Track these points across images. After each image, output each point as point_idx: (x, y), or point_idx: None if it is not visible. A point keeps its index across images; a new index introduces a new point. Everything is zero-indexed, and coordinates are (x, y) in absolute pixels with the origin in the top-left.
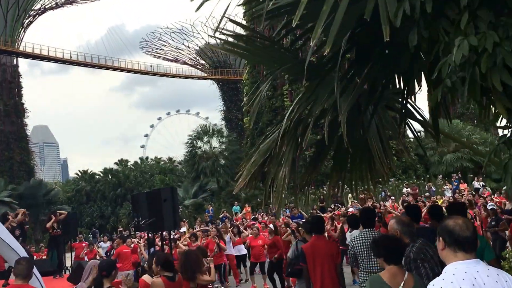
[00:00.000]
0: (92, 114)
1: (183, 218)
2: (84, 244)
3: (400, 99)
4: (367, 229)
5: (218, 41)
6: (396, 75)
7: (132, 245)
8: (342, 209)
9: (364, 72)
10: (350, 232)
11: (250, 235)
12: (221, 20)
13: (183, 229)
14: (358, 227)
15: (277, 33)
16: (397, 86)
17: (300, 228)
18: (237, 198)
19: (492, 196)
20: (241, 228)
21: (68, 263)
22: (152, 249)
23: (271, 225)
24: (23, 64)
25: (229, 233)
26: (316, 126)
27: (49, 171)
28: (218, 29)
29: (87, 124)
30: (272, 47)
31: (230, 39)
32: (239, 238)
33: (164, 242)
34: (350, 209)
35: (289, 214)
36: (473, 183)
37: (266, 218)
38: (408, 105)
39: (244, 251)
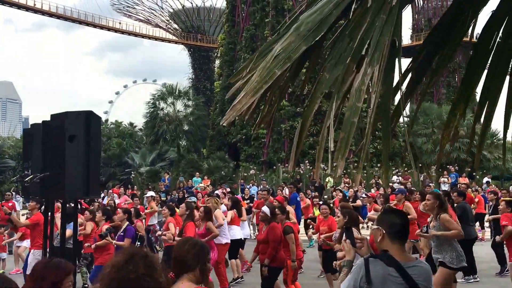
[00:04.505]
0: (61, 76)
1: (134, 184)
2: (10, 204)
3: None
4: None
5: (194, 4)
6: None
7: None
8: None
9: None
10: None
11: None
12: None
13: (150, 193)
14: None
15: None
16: None
17: None
18: (198, 169)
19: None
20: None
21: None
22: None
23: (264, 208)
24: None
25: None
26: None
27: (9, 127)
28: None
29: (55, 86)
30: None
31: None
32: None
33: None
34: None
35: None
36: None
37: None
38: None
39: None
